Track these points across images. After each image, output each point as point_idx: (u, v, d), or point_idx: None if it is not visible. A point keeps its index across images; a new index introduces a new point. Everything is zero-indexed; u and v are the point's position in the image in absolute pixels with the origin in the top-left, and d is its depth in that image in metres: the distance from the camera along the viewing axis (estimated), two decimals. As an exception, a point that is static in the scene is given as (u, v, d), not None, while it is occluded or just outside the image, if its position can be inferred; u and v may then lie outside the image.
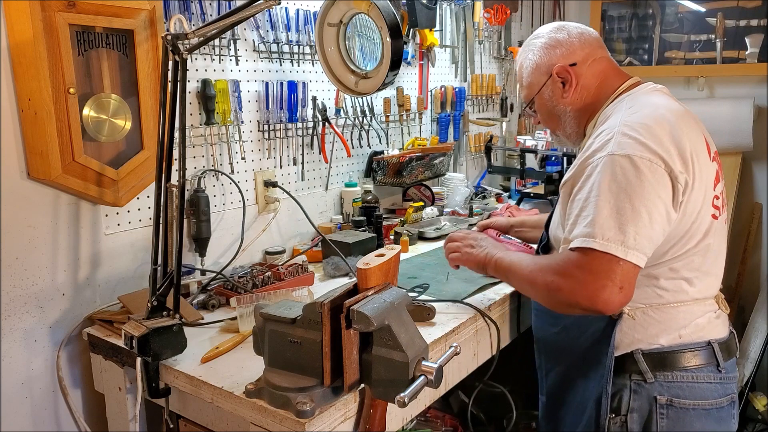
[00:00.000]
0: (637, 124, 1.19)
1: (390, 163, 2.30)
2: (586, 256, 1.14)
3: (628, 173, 1.14)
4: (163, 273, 1.26)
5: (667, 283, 1.24)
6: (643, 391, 1.27)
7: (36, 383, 1.46)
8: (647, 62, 3.26)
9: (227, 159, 1.80)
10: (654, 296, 1.25)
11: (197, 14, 1.66)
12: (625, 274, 1.12)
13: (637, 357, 1.27)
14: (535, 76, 1.39)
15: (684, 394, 1.26)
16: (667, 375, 1.26)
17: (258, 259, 1.91)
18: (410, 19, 2.33)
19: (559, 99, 1.38)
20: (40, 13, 1.28)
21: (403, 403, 0.96)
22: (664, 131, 1.17)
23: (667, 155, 1.15)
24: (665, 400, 1.26)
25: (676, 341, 1.26)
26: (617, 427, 1.29)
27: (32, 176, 1.39)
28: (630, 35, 3.29)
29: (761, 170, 3.08)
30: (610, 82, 1.36)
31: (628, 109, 1.26)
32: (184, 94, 1.24)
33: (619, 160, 1.15)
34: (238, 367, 1.23)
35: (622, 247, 1.11)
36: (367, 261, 1.07)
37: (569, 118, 1.39)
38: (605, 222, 1.13)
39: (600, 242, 1.12)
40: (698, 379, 1.26)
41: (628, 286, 1.12)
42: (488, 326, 1.52)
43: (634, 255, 1.12)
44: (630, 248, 1.11)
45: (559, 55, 1.37)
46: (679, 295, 1.25)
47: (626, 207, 1.13)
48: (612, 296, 1.12)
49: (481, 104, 3.03)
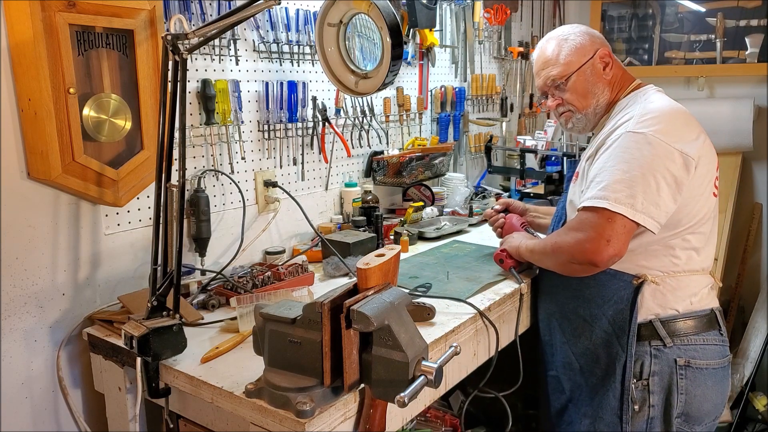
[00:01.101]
0: (655, 110, 1.38)
1: (390, 163, 2.30)
2: (595, 213, 1.31)
3: (642, 148, 1.31)
4: (163, 273, 1.26)
5: (681, 253, 1.40)
6: (663, 355, 1.41)
7: (36, 383, 1.46)
8: (647, 62, 3.26)
9: (227, 159, 1.80)
10: (671, 265, 1.41)
11: (197, 14, 1.66)
12: (620, 229, 1.29)
13: (656, 324, 1.41)
14: (577, 56, 1.54)
15: (698, 355, 1.41)
16: (683, 339, 1.41)
17: (258, 259, 1.92)
18: (410, 19, 2.33)
19: (600, 77, 1.53)
20: (40, 13, 1.28)
21: (403, 403, 0.96)
22: (678, 119, 1.37)
23: (678, 138, 1.32)
24: (684, 362, 1.41)
25: (689, 308, 1.42)
26: (639, 391, 1.43)
27: (32, 176, 1.39)
28: (630, 35, 3.29)
29: (761, 170, 3.08)
30: (626, 79, 1.56)
31: (645, 101, 1.44)
32: (184, 94, 1.24)
33: (635, 136, 1.34)
34: (238, 367, 1.23)
35: (631, 209, 1.28)
36: (367, 261, 1.08)
37: (604, 98, 1.54)
38: (617, 186, 1.30)
39: (611, 203, 1.29)
40: (708, 341, 1.42)
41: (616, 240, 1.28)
42: (488, 327, 1.52)
43: (641, 217, 1.29)
44: (638, 211, 1.28)
45: (599, 43, 1.56)
46: (690, 263, 1.41)
47: (637, 175, 1.29)
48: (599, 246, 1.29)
49: (481, 104, 3.03)
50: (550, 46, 1.58)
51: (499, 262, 1.71)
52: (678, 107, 1.42)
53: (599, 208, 1.30)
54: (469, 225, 2.28)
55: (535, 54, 1.63)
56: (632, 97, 1.51)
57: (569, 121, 1.59)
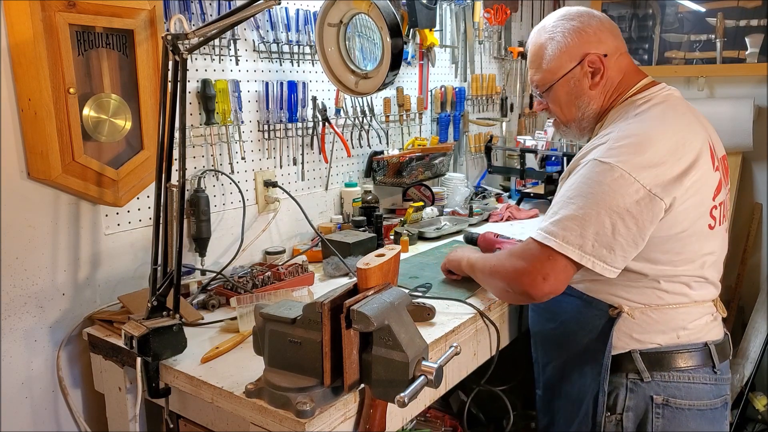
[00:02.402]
0: (633, 136, 1.18)
1: (390, 163, 2.30)
2: (539, 247, 1.18)
3: (605, 180, 1.15)
4: (163, 273, 1.26)
5: (668, 286, 1.26)
6: (640, 390, 1.28)
7: (36, 383, 1.46)
8: (647, 62, 3.26)
9: (227, 159, 1.80)
10: (654, 297, 1.27)
11: (197, 14, 1.66)
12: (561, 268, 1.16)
13: (635, 356, 1.28)
14: (560, 61, 1.33)
15: (680, 394, 1.27)
16: (663, 375, 1.27)
17: (258, 259, 1.91)
18: (410, 19, 2.33)
19: (586, 89, 1.33)
20: (40, 13, 1.28)
21: (403, 403, 0.96)
22: (663, 145, 1.17)
23: (651, 172, 1.14)
24: (661, 400, 1.27)
25: (674, 341, 1.27)
26: (612, 425, 1.30)
27: (32, 176, 1.39)
28: (630, 35, 3.29)
29: (761, 170, 3.08)
30: (628, 80, 1.33)
31: (634, 116, 1.25)
32: (184, 94, 1.24)
33: (600, 165, 1.17)
34: (238, 367, 1.23)
35: (579, 251, 1.15)
36: (367, 261, 1.07)
37: (590, 111, 1.35)
38: (569, 223, 1.16)
39: (559, 243, 1.16)
40: (694, 379, 1.27)
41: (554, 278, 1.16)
42: (488, 327, 1.52)
43: (588, 260, 1.16)
44: (586, 254, 1.15)
45: (592, 42, 1.31)
46: (679, 297, 1.27)
47: (591, 213, 1.15)
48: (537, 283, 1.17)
49: (481, 104, 3.03)
50: (537, 43, 1.38)
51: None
52: (671, 127, 1.21)
53: (545, 244, 1.18)
54: (469, 225, 2.28)
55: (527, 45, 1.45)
56: (626, 106, 1.30)
57: (558, 128, 1.46)
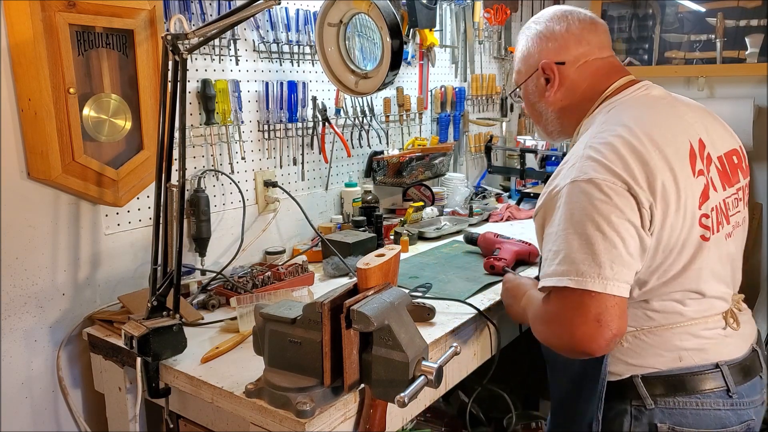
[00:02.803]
0: (601, 145, 1.10)
1: (390, 163, 2.30)
2: (562, 298, 1.07)
3: (594, 198, 1.05)
4: (163, 273, 1.26)
5: (658, 305, 1.15)
6: (644, 417, 1.17)
7: (36, 383, 1.46)
8: (647, 62, 3.26)
9: (227, 159, 1.80)
10: (645, 319, 1.16)
11: (197, 14, 1.66)
12: (603, 306, 1.03)
13: (636, 381, 1.17)
14: (524, 65, 1.33)
15: (687, 422, 1.15)
16: (668, 401, 1.15)
17: (258, 259, 1.91)
18: (410, 19, 2.33)
19: (541, 96, 1.30)
20: (40, 13, 1.28)
21: (403, 403, 0.96)
22: (629, 153, 1.08)
23: (631, 178, 1.06)
24: (666, 428, 1.15)
25: (676, 364, 1.16)
26: None
27: (32, 176, 1.39)
28: (630, 35, 3.29)
29: (761, 170, 3.08)
30: (598, 86, 1.26)
31: (601, 124, 1.17)
32: (184, 94, 1.24)
33: (582, 185, 1.07)
34: (238, 367, 1.23)
35: (600, 279, 1.03)
36: (367, 261, 1.07)
37: (550, 117, 1.32)
38: (577, 255, 1.04)
39: (575, 279, 1.04)
40: (704, 405, 1.15)
41: (609, 317, 1.02)
42: (488, 327, 1.52)
43: (614, 286, 1.03)
44: (609, 279, 1.03)
45: (550, 50, 1.28)
46: (672, 317, 1.16)
47: (596, 235, 1.04)
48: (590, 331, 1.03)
49: (481, 104, 3.03)
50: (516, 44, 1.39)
51: (490, 269, 1.71)
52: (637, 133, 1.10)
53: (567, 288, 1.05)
54: (469, 225, 2.28)
55: None
56: (597, 114, 1.23)
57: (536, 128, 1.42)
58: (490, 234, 1.89)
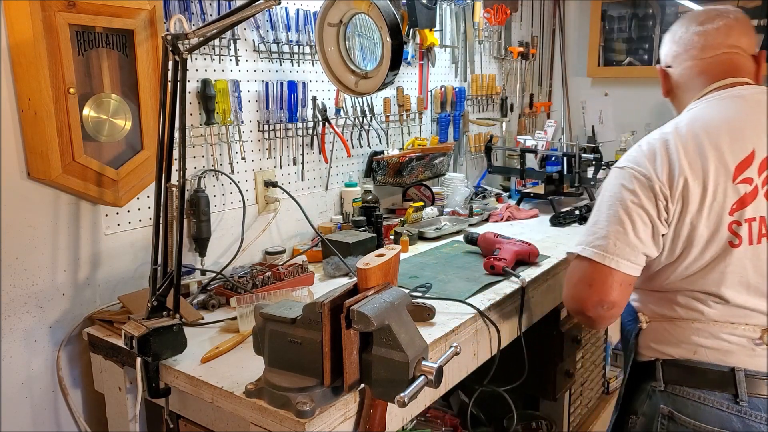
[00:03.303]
0: (647, 140, 1.26)
1: (390, 163, 2.30)
2: (577, 263, 1.25)
3: (620, 184, 1.23)
4: (163, 273, 1.26)
5: (682, 300, 1.25)
6: (655, 398, 1.29)
7: (36, 383, 1.46)
8: (647, 62, 3.26)
9: (227, 159, 1.80)
10: (669, 309, 1.27)
11: (197, 14, 1.66)
12: (598, 274, 1.20)
13: (657, 365, 1.29)
14: None
15: (687, 411, 1.24)
16: (675, 387, 1.26)
17: (258, 259, 1.91)
18: (410, 19, 2.33)
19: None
20: (40, 13, 1.28)
21: (403, 403, 0.96)
22: (663, 150, 1.21)
23: (654, 172, 1.20)
24: (667, 411, 1.26)
25: (690, 357, 1.24)
26: (629, 426, 1.35)
27: (32, 176, 1.39)
28: (630, 35, 3.29)
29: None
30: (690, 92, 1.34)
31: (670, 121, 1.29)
32: (184, 94, 1.24)
33: (618, 171, 1.25)
34: (238, 367, 1.23)
35: (602, 251, 1.20)
36: (367, 261, 1.07)
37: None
38: (593, 229, 1.23)
39: (586, 248, 1.22)
40: (705, 401, 1.22)
41: (601, 285, 1.20)
42: (488, 327, 1.52)
43: (612, 260, 1.19)
44: (609, 254, 1.19)
45: (667, 53, 1.40)
46: (693, 313, 1.24)
47: (612, 216, 1.21)
48: (583, 294, 1.22)
49: (481, 104, 3.03)
50: None
51: (490, 269, 1.72)
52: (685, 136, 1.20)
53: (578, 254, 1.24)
54: (469, 225, 2.28)
55: None
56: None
57: None
58: (490, 234, 1.89)
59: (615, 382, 2.71)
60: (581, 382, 2.36)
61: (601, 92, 3.44)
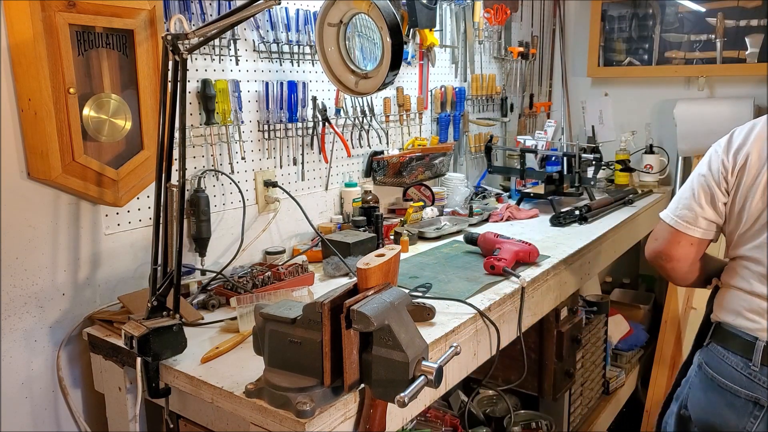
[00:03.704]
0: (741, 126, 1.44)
1: (390, 163, 2.30)
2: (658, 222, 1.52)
3: (705, 161, 1.45)
4: (163, 273, 1.26)
5: (740, 270, 1.43)
6: (702, 352, 1.51)
7: (36, 383, 1.46)
8: (647, 62, 3.26)
9: (227, 159, 1.80)
10: (730, 278, 1.45)
11: (197, 14, 1.66)
12: (661, 228, 1.48)
13: (716, 325, 1.48)
14: None
15: (712, 364, 1.45)
16: (712, 345, 1.47)
17: (258, 259, 1.92)
18: (410, 19, 2.33)
19: None
20: (40, 13, 1.28)
21: (403, 403, 0.96)
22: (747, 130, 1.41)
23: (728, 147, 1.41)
24: (698, 362, 1.50)
25: (732, 321, 1.43)
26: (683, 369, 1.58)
27: (32, 176, 1.39)
28: (630, 35, 3.29)
29: (761, 170, 3.08)
30: None
31: None
32: (184, 94, 1.24)
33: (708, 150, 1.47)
34: (238, 367, 1.23)
35: (668, 212, 1.48)
36: (367, 261, 1.07)
37: None
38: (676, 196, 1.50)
39: (663, 211, 1.50)
40: (727, 360, 1.42)
41: (660, 238, 1.48)
42: (488, 327, 1.52)
43: (672, 219, 1.45)
44: (673, 214, 1.46)
45: None
46: (742, 283, 1.42)
47: (686, 186, 1.47)
48: (649, 243, 1.51)
49: (481, 104, 3.03)
50: None
51: (490, 269, 1.72)
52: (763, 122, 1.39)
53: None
54: (469, 225, 2.28)
55: None
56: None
57: None
58: (490, 234, 1.89)
59: (615, 382, 2.71)
60: (581, 382, 2.36)
61: (601, 92, 3.44)
